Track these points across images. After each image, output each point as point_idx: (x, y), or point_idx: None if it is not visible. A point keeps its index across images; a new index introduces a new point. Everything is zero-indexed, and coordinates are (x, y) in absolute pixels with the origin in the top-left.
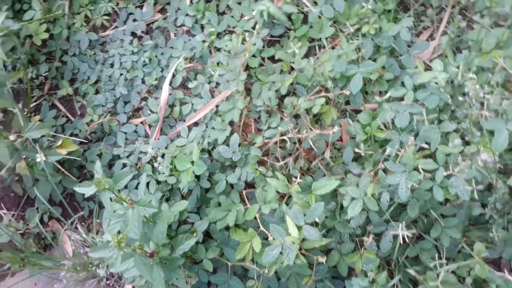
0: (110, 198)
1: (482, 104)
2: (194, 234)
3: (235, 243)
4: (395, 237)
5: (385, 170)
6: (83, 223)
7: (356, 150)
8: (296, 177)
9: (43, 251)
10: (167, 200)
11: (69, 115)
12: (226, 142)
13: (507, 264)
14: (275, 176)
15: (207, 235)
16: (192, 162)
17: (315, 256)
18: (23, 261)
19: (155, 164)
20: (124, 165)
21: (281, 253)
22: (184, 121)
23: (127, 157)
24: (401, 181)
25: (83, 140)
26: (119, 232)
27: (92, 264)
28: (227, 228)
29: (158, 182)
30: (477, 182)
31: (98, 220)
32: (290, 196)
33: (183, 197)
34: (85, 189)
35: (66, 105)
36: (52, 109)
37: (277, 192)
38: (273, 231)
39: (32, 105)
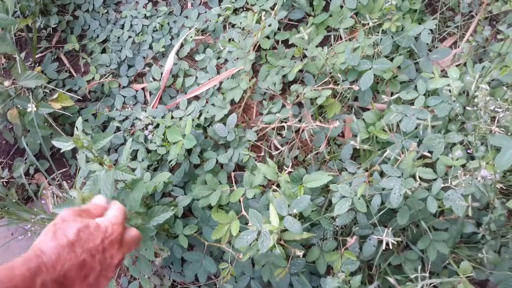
0: (88, 159)
1: (493, 118)
2: (172, 208)
3: (215, 223)
4: (380, 242)
5: (381, 174)
6: (69, 181)
7: (352, 142)
8: (288, 166)
9: (24, 202)
10: (155, 170)
11: (72, 71)
12: (223, 120)
13: None
14: (266, 162)
15: (189, 211)
16: (184, 136)
17: (293, 248)
18: (1, 210)
19: (145, 132)
20: (118, 129)
21: (257, 239)
22: (186, 93)
23: (122, 121)
24: (395, 186)
25: (80, 98)
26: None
27: None
28: (210, 207)
29: (148, 151)
30: (475, 199)
31: (84, 180)
32: (279, 186)
33: (171, 170)
34: (63, 144)
35: (71, 61)
36: (57, 62)
37: (267, 179)
38: (251, 216)
39: (37, 56)
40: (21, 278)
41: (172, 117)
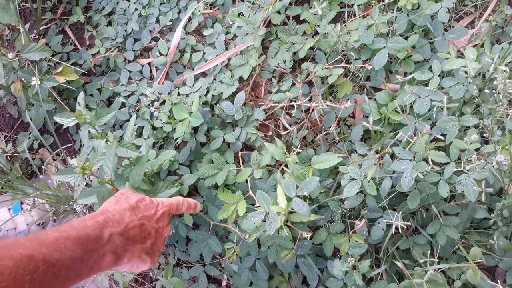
0: (90, 134)
1: (510, 102)
2: (176, 184)
3: (221, 203)
4: (389, 226)
5: (392, 156)
6: (73, 156)
7: (364, 123)
8: (296, 147)
9: (28, 177)
10: (161, 148)
11: (77, 44)
12: (231, 98)
13: (502, 274)
14: (274, 142)
15: (195, 190)
16: (190, 114)
17: (301, 230)
18: (5, 184)
19: (151, 109)
20: (124, 105)
21: (264, 221)
22: (193, 69)
23: (128, 96)
24: (406, 169)
25: (85, 72)
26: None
27: (74, 199)
28: (216, 186)
29: (154, 128)
30: (488, 184)
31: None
32: (287, 166)
33: (177, 148)
34: (64, 120)
35: (76, 33)
36: (61, 34)
37: (275, 159)
38: (259, 197)
39: (41, 28)
40: (91, 227)
41: (178, 94)
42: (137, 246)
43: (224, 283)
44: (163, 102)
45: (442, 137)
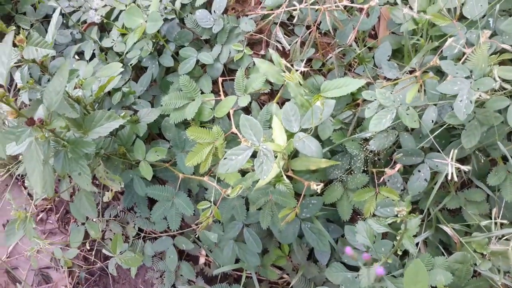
0: None
1: None
2: (123, 114)
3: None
4: (433, 175)
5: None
6: None
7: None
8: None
9: None
10: None
11: None
12: (208, 6)
13: None
14: (268, 58)
15: (159, 135)
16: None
17: (307, 181)
18: None
19: (90, 13)
20: (67, 26)
21: (253, 170)
22: None
23: (71, 13)
24: (462, 90)
25: None
26: None
27: None
28: (187, 126)
29: (103, 50)
30: None
31: None
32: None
33: (136, 78)
34: None
35: None
36: None
37: (269, 83)
38: (244, 125)
39: None
40: None
41: (138, 6)
42: None
43: (201, 260)
44: (117, 18)
45: (508, 47)
